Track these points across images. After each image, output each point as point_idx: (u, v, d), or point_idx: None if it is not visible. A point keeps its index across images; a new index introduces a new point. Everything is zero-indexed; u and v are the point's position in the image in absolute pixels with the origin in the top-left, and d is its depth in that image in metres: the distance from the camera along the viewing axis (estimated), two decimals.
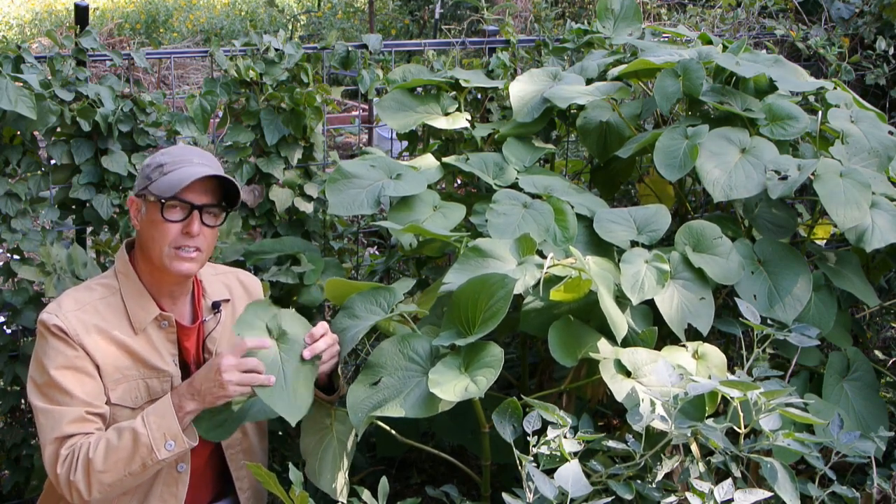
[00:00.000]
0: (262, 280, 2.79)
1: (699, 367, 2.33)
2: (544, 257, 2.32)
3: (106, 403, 2.13)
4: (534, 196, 2.66)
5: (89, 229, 2.83)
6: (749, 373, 2.30)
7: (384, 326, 2.32)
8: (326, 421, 2.29)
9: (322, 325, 2.20)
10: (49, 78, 2.66)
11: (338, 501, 2.19)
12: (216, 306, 2.32)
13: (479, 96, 3.31)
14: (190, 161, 2.16)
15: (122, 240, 2.78)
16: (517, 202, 2.61)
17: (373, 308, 2.28)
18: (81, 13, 2.92)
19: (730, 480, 1.99)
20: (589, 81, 3.08)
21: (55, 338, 2.09)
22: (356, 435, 2.12)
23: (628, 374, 2.22)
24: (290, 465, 1.98)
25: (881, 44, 3.92)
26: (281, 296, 2.96)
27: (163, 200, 2.12)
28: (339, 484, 2.20)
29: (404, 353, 2.18)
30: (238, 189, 2.21)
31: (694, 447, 2.14)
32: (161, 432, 2.02)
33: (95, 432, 2.07)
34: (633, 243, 2.56)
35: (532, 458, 1.98)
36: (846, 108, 2.92)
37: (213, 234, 2.22)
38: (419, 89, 3.14)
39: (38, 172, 2.72)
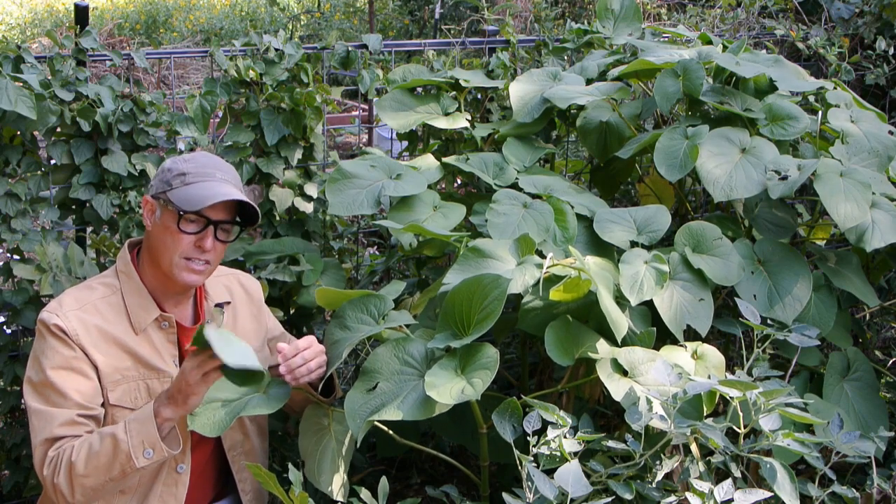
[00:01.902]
0: (260, 278, 2.79)
1: (698, 367, 2.33)
2: (544, 257, 2.32)
3: (103, 405, 2.13)
4: (534, 196, 2.66)
5: (89, 229, 2.83)
6: (749, 373, 2.30)
7: (376, 334, 2.32)
8: (324, 421, 2.29)
9: (306, 340, 2.20)
10: (49, 78, 2.66)
11: (337, 502, 2.19)
12: (218, 307, 2.32)
13: (479, 96, 3.31)
14: (213, 175, 2.16)
15: (122, 240, 2.79)
16: (517, 202, 2.61)
17: (363, 318, 2.27)
18: (81, 13, 2.92)
19: (730, 480, 1.99)
20: (589, 81, 3.08)
21: (54, 337, 2.09)
22: (356, 440, 2.12)
23: (625, 373, 2.22)
24: (290, 466, 1.98)
25: (881, 44, 3.93)
26: (280, 296, 2.97)
27: (181, 212, 2.12)
28: (338, 484, 2.20)
29: (399, 357, 2.18)
30: (258, 212, 2.21)
31: (694, 447, 2.14)
32: (140, 440, 2.01)
33: (84, 435, 2.07)
34: (633, 244, 2.56)
35: (532, 458, 1.98)
36: (846, 108, 2.92)
37: (223, 248, 2.23)
38: (419, 89, 3.14)
39: (38, 172, 2.71)
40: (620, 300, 2.40)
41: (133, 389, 2.15)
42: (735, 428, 2.11)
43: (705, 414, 2.15)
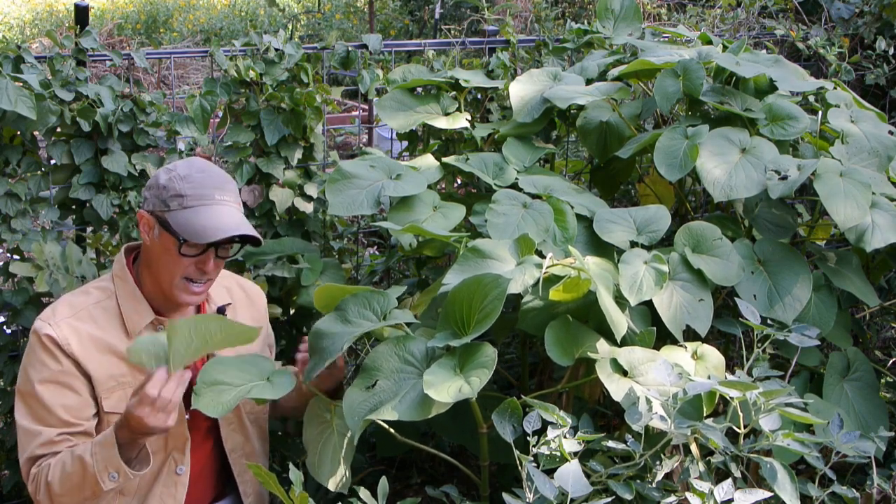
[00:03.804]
0: (259, 276, 2.79)
1: (698, 367, 2.33)
2: (544, 257, 2.32)
3: (96, 415, 2.12)
4: (534, 196, 2.66)
5: (89, 229, 2.83)
6: (749, 373, 2.30)
7: (377, 332, 2.32)
8: (326, 416, 2.29)
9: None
10: (49, 78, 2.66)
11: (338, 499, 2.19)
12: (221, 311, 2.31)
13: (479, 96, 3.31)
14: (212, 197, 2.11)
15: (122, 240, 2.79)
16: (517, 202, 2.61)
17: (366, 313, 2.26)
18: (81, 13, 2.92)
19: (730, 480, 1.99)
20: (589, 82, 3.08)
21: (43, 350, 2.08)
22: (353, 437, 2.11)
23: (625, 373, 2.22)
24: (291, 466, 1.98)
25: (881, 44, 3.93)
26: (280, 296, 2.97)
27: (182, 239, 2.09)
28: (339, 477, 2.20)
29: (400, 355, 2.18)
30: (260, 240, 2.18)
31: (694, 447, 2.14)
32: (104, 464, 2.00)
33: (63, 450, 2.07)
34: (633, 244, 2.56)
35: (532, 458, 1.98)
36: (846, 108, 2.92)
37: (222, 264, 2.21)
38: (419, 89, 3.14)
39: (38, 172, 2.71)
40: (620, 300, 2.40)
41: (130, 395, 2.14)
42: (735, 428, 2.11)
43: (705, 414, 2.15)
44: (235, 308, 2.36)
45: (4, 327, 2.75)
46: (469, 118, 3.06)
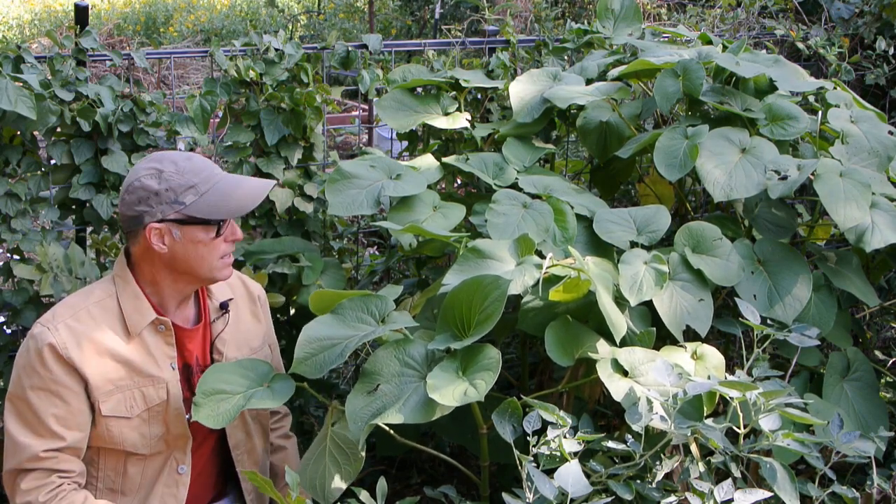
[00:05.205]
0: (260, 273, 2.79)
1: (698, 367, 2.33)
2: (543, 257, 2.32)
3: (90, 423, 2.12)
4: (534, 196, 2.66)
5: (89, 229, 2.83)
6: (749, 373, 2.30)
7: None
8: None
9: None
10: (49, 78, 2.66)
11: (337, 499, 2.19)
12: (224, 307, 2.31)
13: (479, 96, 3.31)
14: (217, 174, 2.17)
15: (123, 239, 2.79)
16: (517, 202, 2.61)
17: (364, 317, 2.24)
18: (81, 13, 2.92)
19: (730, 480, 1.99)
20: (589, 82, 3.08)
21: (38, 355, 2.07)
22: (357, 442, 2.11)
23: (625, 373, 2.22)
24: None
25: (881, 44, 3.92)
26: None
27: (221, 222, 2.14)
28: (337, 489, 2.19)
29: (400, 359, 2.17)
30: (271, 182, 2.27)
31: (694, 447, 2.14)
32: None
33: (55, 477, 2.08)
34: (633, 244, 2.56)
35: (532, 458, 1.98)
36: (846, 108, 2.92)
37: None
38: (419, 89, 3.14)
39: (38, 172, 2.71)
40: (620, 300, 2.40)
41: (129, 398, 2.13)
42: (735, 428, 2.11)
43: (705, 414, 2.15)
44: (237, 303, 2.36)
45: (4, 327, 2.75)
46: (469, 118, 3.06)
